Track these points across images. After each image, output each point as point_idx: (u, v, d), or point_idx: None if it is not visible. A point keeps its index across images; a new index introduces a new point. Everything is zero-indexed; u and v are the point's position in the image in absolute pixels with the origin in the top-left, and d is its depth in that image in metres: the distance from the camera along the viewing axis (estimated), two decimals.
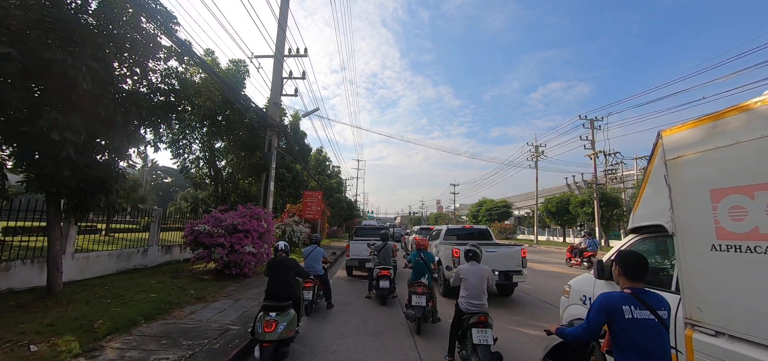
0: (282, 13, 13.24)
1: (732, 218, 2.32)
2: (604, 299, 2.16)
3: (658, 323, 2.04)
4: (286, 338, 3.94)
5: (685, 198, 2.66)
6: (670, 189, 2.78)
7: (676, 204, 2.72)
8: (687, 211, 2.64)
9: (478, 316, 3.91)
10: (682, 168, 2.70)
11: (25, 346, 3.86)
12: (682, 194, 2.69)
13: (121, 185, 7.32)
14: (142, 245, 10.15)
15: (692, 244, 2.58)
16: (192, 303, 6.33)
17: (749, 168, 2.24)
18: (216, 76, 10.87)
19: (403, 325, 5.97)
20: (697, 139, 2.62)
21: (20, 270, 6.54)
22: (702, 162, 2.54)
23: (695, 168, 2.60)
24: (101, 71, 5.64)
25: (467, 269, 4.30)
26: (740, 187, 2.29)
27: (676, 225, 2.72)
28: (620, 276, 2.25)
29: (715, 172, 2.44)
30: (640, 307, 2.05)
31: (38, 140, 5.22)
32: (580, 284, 4.21)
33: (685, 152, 2.68)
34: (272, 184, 13.24)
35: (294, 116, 22.14)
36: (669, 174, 2.80)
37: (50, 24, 5.36)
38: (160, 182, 59.51)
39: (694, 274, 2.56)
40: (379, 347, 4.88)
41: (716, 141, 2.45)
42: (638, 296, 2.10)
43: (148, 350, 4.02)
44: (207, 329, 4.92)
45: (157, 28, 6.85)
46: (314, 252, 6.94)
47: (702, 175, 2.53)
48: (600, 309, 2.15)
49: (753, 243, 2.18)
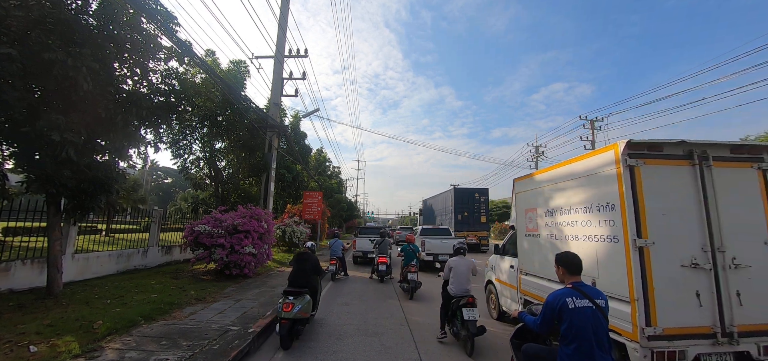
0: (282, 13, 13.25)
1: (529, 222, 5.39)
2: (551, 298, 2.61)
3: (596, 309, 2.48)
4: (301, 318, 4.82)
5: (518, 212, 5.83)
6: (515, 208, 6.03)
7: (516, 215, 5.90)
8: (518, 218, 5.77)
9: (466, 298, 4.87)
10: (518, 198, 5.89)
11: (25, 346, 3.85)
12: (517, 210, 5.86)
13: (121, 185, 7.32)
14: (143, 246, 10.13)
15: (519, 233, 5.69)
16: (192, 304, 6.33)
17: (532, 200, 5.32)
18: (216, 77, 10.86)
19: (403, 325, 6.01)
20: (522, 186, 5.80)
21: (20, 271, 6.54)
22: (522, 196, 5.74)
23: (521, 198, 5.78)
24: (102, 72, 5.63)
25: (457, 261, 5.29)
26: (530, 208, 5.40)
27: (516, 225, 5.90)
28: (564, 274, 2.71)
29: (525, 201, 5.59)
30: (581, 297, 2.51)
31: (38, 141, 5.21)
32: (492, 260, 7.11)
33: (519, 191, 5.91)
34: (272, 184, 13.24)
35: (294, 117, 22.12)
36: (515, 200, 6.06)
37: (51, 25, 5.36)
38: (160, 183, 59.48)
39: (521, 248, 5.62)
40: (380, 349, 4.87)
41: (525, 187, 5.67)
42: (579, 289, 2.55)
43: (147, 351, 4.01)
44: (207, 329, 4.91)
45: (157, 28, 6.84)
46: (335, 243, 10.89)
47: (523, 202, 5.69)
48: (549, 306, 2.60)
49: (534, 233, 5.19)
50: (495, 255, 6.97)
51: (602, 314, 2.51)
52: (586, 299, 2.51)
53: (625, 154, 3.44)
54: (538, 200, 5.09)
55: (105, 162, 6.48)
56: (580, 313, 2.45)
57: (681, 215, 3.42)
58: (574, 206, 4.22)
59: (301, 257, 5.55)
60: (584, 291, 2.55)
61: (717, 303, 3.25)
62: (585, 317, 2.44)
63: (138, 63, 6.81)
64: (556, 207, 4.64)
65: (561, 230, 4.49)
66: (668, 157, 3.56)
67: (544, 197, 4.97)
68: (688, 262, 3.31)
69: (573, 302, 2.48)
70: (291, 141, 18.18)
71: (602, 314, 2.51)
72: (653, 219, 3.34)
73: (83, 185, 5.95)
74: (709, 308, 3.24)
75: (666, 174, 3.50)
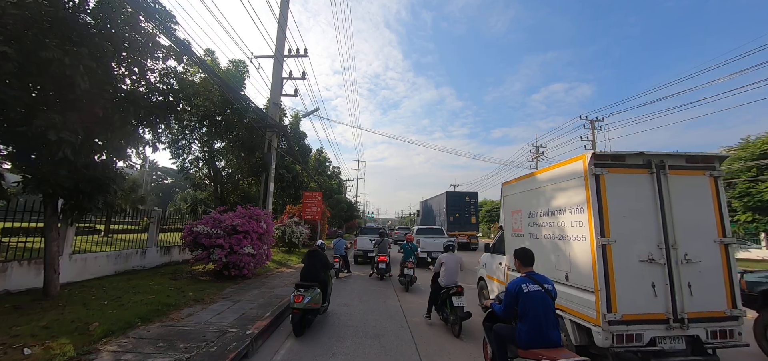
0: (282, 13, 13.19)
1: (514, 223, 5.85)
2: (510, 285, 3.25)
3: (545, 293, 3.12)
4: (311, 308, 5.32)
5: (506, 213, 6.26)
6: (502, 209, 6.47)
7: (504, 216, 6.35)
8: (506, 219, 6.23)
9: (455, 288, 5.75)
10: (506, 200, 6.33)
11: (19, 349, 3.79)
12: (505, 212, 6.30)
13: (119, 185, 7.25)
14: (141, 246, 10.07)
15: (507, 233, 6.16)
16: (190, 305, 6.27)
17: (517, 203, 5.78)
18: (215, 76, 10.80)
19: (404, 327, 5.97)
20: (508, 190, 6.24)
21: (17, 271, 6.48)
22: (509, 199, 6.17)
23: (508, 201, 6.22)
24: (99, 71, 5.57)
25: (447, 257, 6.21)
26: (515, 210, 5.87)
27: (504, 225, 6.31)
28: (520, 265, 3.39)
29: (511, 203, 6.04)
30: (532, 283, 3.15)
31: (35, 140, 5.15)
32: (484, 258, 7.56)
33: (506, 194, 6.30)
34: (272, 184, 13.18)
35: (294, 117, 22.03)
36: (503, 203, 6.51)
37: (48, 23, 5.30)
38: (160, 183, 59.34)
39: (508, 247, 6.02)
40: (380, 351, 4.82)
41: (511, 191, 6.09)
42: (531, 276, 3.24)
43: (143, 354, 3.95)
44: (204, 331, 4.85)
45: (155, 27, 6.78)
46: (339, 242, 11.49)
47: (509, 204, 6.13)
48: (508, 293, 3.21)
49: (519, 233, 5.65)
50: (486, 253, 7.48)
51: (549, 296, 3.12)
52: (537, 285, 3.14)
53: (591, 164, 3.86)
54: (522, 203, 5.65)
55: (102, 162, 6.42)
56: (531, 295, 3.07)
57: (640, 216, 3.87)
58: (551, 209, 4.70)
59: (311, 253, 6.16)
60: (535, 278, 3.21)
61: (670, 293, 3.72)
62: (536, 298, 3.06)
63: (136, 62, 6.75)
64: (535, 209, 5.15)
65: (540, 230, 4.98)
66: (629, 166, 3.99)
67: (526, 200, 5.51)
68: (645, 257, 3.78)
69: (526, 287, 3.12)
70: (291, 141, 18.11)
71: (550, 296, 3.12)
72: (615, 220, 3.79)
73: (80, 185, 5.88)
74: (662, 298, 3.72)
75: (627, 181, 3.94)
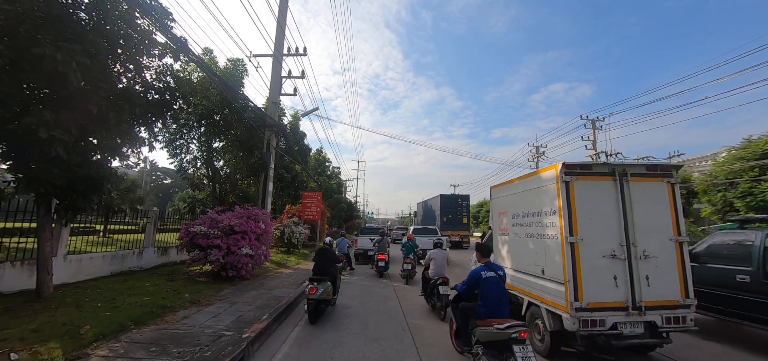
0: (281, 12, 13.08)
1: (501, 223, 6.39)
2: (473, 272, 4.19)
3: (498, 279, 4.03)
4: (324, 299, 6.04)
5: (494, 214, 6.81)
6: (491, 211, 6.98)
7: (492, 217, 6.88)
8: (494, 220, 6.77)
9: (442, 279, 6.66)
10: (494, 202, 6.89)
11: (6, 354, 3.66)
12: (493, 213, 6.85)
13: (114, 184, 7.13)
14: (138, 247, 9.94)
15: (495, 233, 6.69)
16: (186, 307, 6.14)
17: (503, 205, 6.35)
18: (213, 75, 10.68)
19: (405, 330, 5.88)
20: (496, 193, 6.78)
21: (9, 273, 6.35)
22: (496, 201, 6.76)
23: (495, 203, 6.79)
24: (93, 68, 5.45)
25: (435, 253, 7.22)
26: (501, 212, 6.42)
27: (492, 225, 6.84)
28: (480, 257, 4.55)
29: (499, 205, 6.61)
30: (489, 271, 4.08)
31: (26, 138, 5.03)
32: (474, 255, 8.17)
33: (494, 196, 6.86)
34: (271, 184, 13.06)
35: (293, 116, 21.89)
36: (491, 205, 7.01)
37: (41, 20, 5.18)
38: (159, 183, 59.14)
39: (495, 245, 6.54)
40: (379, 355, 4.70)
41: (498, 194, 6.66)
42: (488, 266, 4.18)
43: (135, 359, 3.83)
44: (199, 335, 4.73)
45: (152, 24, 6.67)
46: (342, 241, 12.23)
47: (497, 206, 6.68)
48: (472, 277, 4.15)
49: (505, 233, 6.22)
50: (477, 251, 8.35)
51: (502, 281, 4.04)
52: (492, 272, 4.06)
53: (562, 173, 4.36)
54: (507, 205, 6.18)
55: (97, 161, 6.30)
56: (489, 280, 3.98)
57: (604, 218, 4.37)
58: (529, 211, 5.26)
59: (321, 251, 6.81)
60: (491, 267, 4.15)
61: (630, 285, 4.23)
62: (492, 283, 3.97)
63: (131, 59, 6.61)
64: (518, 211, 5.70)
65: (522, 230, 5.51)
66: (596, 174, 4.52)
67: (510, 203, 6.03)
68: (608, 253, 4.31)
69: (485, 274, 4.04)
70: (290, 141, 17.98)
71: (502, 280, 4.05)
72: (583, 221, 4.30)
73: (74, 185, 5.76)
74: (623, 288, 4.23)
75: (594, 187, 4.45)
